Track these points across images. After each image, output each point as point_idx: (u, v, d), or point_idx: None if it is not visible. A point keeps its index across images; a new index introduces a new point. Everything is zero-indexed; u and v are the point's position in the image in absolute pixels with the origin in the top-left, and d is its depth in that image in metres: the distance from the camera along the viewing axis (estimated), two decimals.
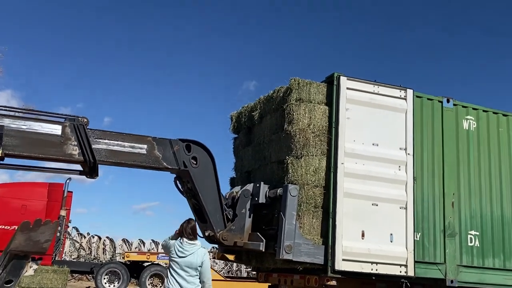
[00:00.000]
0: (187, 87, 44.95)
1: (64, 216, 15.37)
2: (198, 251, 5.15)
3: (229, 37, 43.42)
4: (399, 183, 7.03)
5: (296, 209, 6.55)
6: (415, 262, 6.88)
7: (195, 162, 6.81)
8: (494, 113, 8.08)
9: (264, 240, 6.72)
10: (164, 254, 17.16)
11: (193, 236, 5.26)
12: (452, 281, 7.17)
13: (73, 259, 22.51)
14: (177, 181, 7.22)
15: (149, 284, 16.23)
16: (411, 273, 6.83)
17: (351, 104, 7.00)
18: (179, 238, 5.29)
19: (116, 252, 23.91)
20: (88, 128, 6.40)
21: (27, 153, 5.99)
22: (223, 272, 22.57)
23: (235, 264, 22.87)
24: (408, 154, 7.14)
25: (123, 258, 17.12)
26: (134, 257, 16.89)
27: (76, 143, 6.27)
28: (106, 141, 6.48)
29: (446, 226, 7.32)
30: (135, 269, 16.68)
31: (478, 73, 38.05)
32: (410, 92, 7.33)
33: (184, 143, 6.81)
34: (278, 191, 6.75)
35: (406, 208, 6.97)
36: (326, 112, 7.03)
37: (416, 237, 7.01)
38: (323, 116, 7.00)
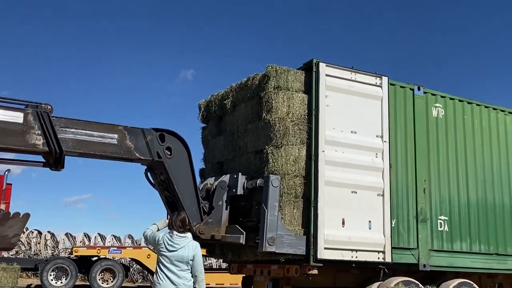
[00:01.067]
0: (123, 75, 42.99)
1: (3, 210, 14.39)
2: (189, 244, 4.84)
3: (164, 21, 41.77)
4: (376, 170, 7.05)
5: (278, 200, 6.38)
6: (392, 248, 6.95)
7: (169, 153, 6.48)
8: (459, 100, 8.30)
9: (244, 232, 6.51)
10: (115, 248, 16.50)
11: (183, 229, 4.93)
12: (424, 265, 7.33)
13: (11, 255, 21.11)
14: (148, 173, 6.86)
15: (99, 279, 15.55)
16: (388, 259, 6.91)
17: (330, 91, 6.90)
18: (168, 231, 4.96)
19: (60, 247, 22.72)
20: (53, 116, 5.91)
21: None
22: None
23: None
24: (384, 141, 7.18)
25: (71, 253, 16.21)
26: (83, 251, 16.06)
27: (40, 132, 5.79)
28: (73, 130, 6.04)
29: (418, 212, 7.45)
30: (84, 264, 15.89)
31: (452, 59, 38.61)
32: (385, 79, 7.35)
33: (158, 132, 6.46)
34: (258, 181, 6.54)
35: (383, 195, 7.02)
36: (304, 100, 6.88)
37: (392, 224, 7.08)
38: (301, 104, 6.85)
